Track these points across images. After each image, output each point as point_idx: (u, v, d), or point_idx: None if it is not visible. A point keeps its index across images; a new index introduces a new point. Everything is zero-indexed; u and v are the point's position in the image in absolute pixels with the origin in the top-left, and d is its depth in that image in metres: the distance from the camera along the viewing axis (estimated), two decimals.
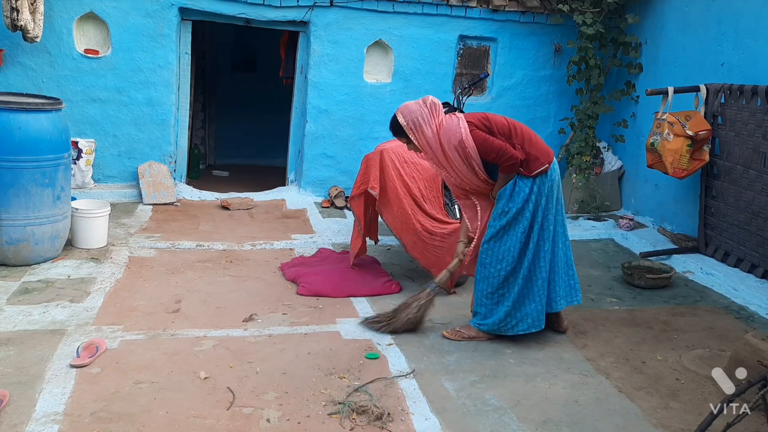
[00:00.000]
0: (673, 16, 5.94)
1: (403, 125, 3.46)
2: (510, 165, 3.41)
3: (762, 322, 4.15)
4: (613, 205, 6.61)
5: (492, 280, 3.54)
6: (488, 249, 3.53)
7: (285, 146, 6.89)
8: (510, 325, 3.57)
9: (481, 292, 3.59)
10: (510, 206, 3.46)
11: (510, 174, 3.46)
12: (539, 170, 3.45)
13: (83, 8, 5.75)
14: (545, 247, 3.53)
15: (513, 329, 3.58)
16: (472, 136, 3.39)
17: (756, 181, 4.69)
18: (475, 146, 3.40)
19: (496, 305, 3.57)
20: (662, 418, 2.95)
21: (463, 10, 6.45)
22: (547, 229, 3.53)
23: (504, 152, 3.38)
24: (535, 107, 6.91)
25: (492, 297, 3.56)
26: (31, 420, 2.63)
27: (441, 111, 3.49)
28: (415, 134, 3.46)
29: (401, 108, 3.51)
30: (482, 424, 2.83)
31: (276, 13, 6.16)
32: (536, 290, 3.55)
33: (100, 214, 4.68)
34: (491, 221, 3.54)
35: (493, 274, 3.53)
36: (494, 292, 3.56)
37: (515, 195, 3.45)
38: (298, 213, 6.11)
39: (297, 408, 2.85)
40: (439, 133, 3.44)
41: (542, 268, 3.55)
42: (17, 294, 3.84)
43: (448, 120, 3.45)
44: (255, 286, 4.26)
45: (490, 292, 3.56)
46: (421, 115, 3.44)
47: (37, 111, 4.21)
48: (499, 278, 3.53)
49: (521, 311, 3.56)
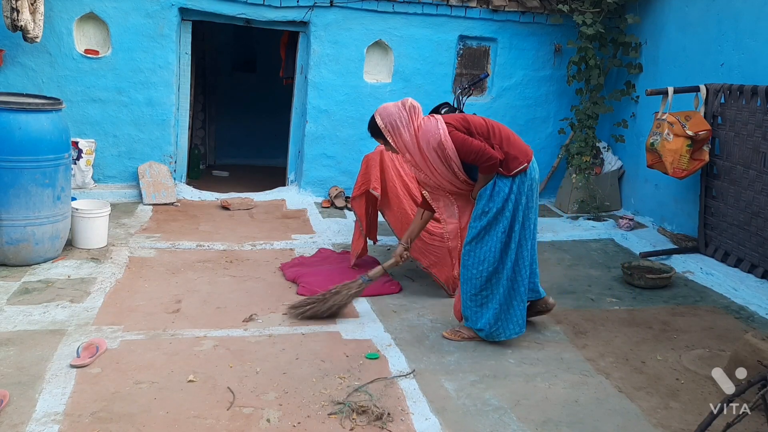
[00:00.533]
0: (673, 16, 5.94)
1: (381, 127, 3.48)
2: (489, 165, 3.42)
3: (762, 322, 4.15)
4: (613, 205, 6.61)
5: (475, 282, 3.55)
6: (470, 250, 3.54)
7: (285, 146, 6.89)
8: (501, 329, 3.56)
9: (466, 294, 3.60)
10: (490, 206, 3.47)
11: (490, 174, 3.47)
12: (518, 169, 3.46)
13: (83, 8, 5.75)
14: (527, 245, 3.56)
15: (502, 335, 3.57)
16: (451, 138, 3.41)
17: (756, 181, 4.69)
18: (454, 147, 3.42)
19: (480, 307, 3.57)
20: (662, 418, 2.95)
21: (463, 10, 6.45)
22: (528, 228, 3.55)
23: (483, 152, 3.39)
24: (535, 107, 6.91)
25: (476, 299, 3.57)
26: (32, 420, 2.63)
27: (420, 114, 3.51)
28: (393, 136, 3.48)
29: (380, 109, 3.53)
30: (482, 424, 2.83)
31: (276, 14, 6.16)
32: (522, 290, 3.57)
33: (100, 214, 4.68)
34: (472, 222, 3.56)
35: (476, 275, 3.54)
36: (477, 294, 3.56)
37: (495, 195, 3.47)
38: (298, 213, 6.11)
39: (297, 408, 2.85)
40: (417, 136, 3.46)
41: (526, 267, 3.56)
42: (17, 294, 3.84)
43: (427, 122, 3.47)
44: (255, 286, 4.26)
45: (473, 294, 3.57)
46: (400, 118, 3.46)
47: (37, 111, 4.21)
48: (481, 279, 3.54)
49: (509, 312, 3.56)
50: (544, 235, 5.79)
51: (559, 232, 5.91)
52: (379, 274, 3.93)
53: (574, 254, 5.41)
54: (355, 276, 3.98)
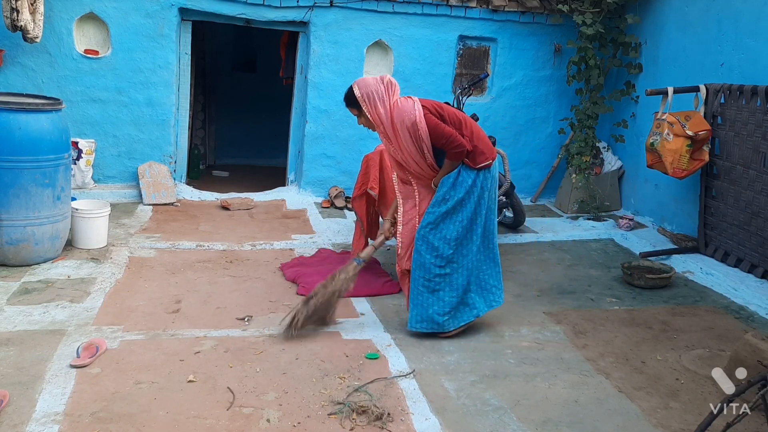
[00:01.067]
0: (673, 16, 5.94)
1: (357, 96, 3.52)
2: (457, 153, 3.50)
3: (762, 322, 4.15)
4: (613, 205, 6.61)
5: (429, 267, 3.58)
6: (425, 235, 3.59)
7: (285, 146, 6.89)
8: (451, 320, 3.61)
9: (417, 280, 3.62)
10: (451, 194, 3.54)
11: (455, 162, 3.55)
12: (484, 164, 3.56)
13: (83, 8, 5.75)
14: (492, 239, 3.68)
15: (456, 323, 3.63)
16: (425, 120, 3.47)
17: (756, 181, 4.69)
18: (427, 130, 3.47)
19: (432, 294, 3.59)
20: (662, 418, 2.95)
21: (462, 10, 6.45)
22: (492, 221, 3.66)
23: (453, 139, 3.47)
24: (535, 107, 6.91)
25: (428, 285, 3.59)
26: (31, 420, 2.63)
27: (397, 91, 3.57)
28: (368, 106, 3.52)
29: (358, 81, 3.58)
30: (482, 424, 2.83)
31: (276, 14, 6.16)
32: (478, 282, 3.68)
33: (100, 215, 4.68)
34: (431, 208, 3.61)
35: (430, 261, 3.57)
36: (430, 280, 3.59)
37: (458, 184, 3.54)
38: (298, 213, 6.11)
39: (297, 408, 2.85)
40: (392, 112, 3.51)
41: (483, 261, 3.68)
42: (17, 294, 3.84)
43: (404, 101, 3.53)
44: (255, 287, 4.26)
45: (426, 279, 3.59)
46: (377, 91, 3.51)
47: (37, 111, 4.21)
48: (435, 266, 3.57)
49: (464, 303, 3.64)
50: (544, 235, 5.80)
51: (559, 232, 5.91)
52: (371, 253, 3.93)
53: (574, 254, 5.41)
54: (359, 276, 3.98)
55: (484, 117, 6.42)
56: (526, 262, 5.16)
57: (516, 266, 5.01)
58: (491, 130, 6.43)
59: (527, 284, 4.65)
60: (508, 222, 5.80)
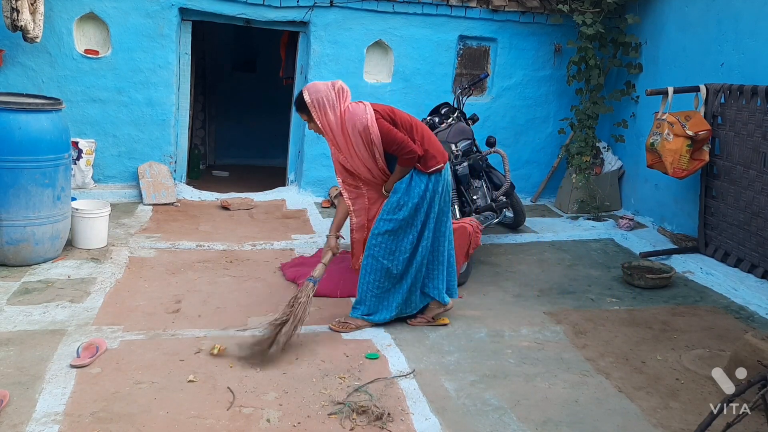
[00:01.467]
0: (673, 16, 5.94)
1: (307, 102, 3.50)
2: (409, 158, 3.50)
3: (762, 322, 4.15)
4: (613, 205, 6.61)
5: (382, 273, 3.61)
6: (381, 242, 3.60)
7: (285, 146, 6.89)
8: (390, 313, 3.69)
9: (367, 285, 3.66)
10: (405, 200, 3.56)
11: (407, 167, 3.55)
12: (435, 168, 3.57)
13: (83, 8, 5.75)
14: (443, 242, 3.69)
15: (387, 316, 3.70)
16: (377, 124, 3.47)
17: (756, 181, 4.69)
18: (380, 134, 3.47)
19: (381, 300, 3.65)
20: (662, 418, 2.95)
21: (463, 10, 6.45)
22: (445, 224, 3.67)
23: (405, 145, 3.47)
24: (535, 107, 6.91)
25: (380, 288, 3.63)
26: (32, 420, 2.63)
27: (348, 98, 3.55)
28: (318, 113, 3.50)
29: (309, 86, 3.57)
30: (482, 424, 2.83)
31: (276, 14, 6.16)
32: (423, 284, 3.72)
33: (100, 215, 4.68)
34: (385, 214, 3.61)
35: (385, 266, 3.60)
36: (381, 285, 3.63)
37: (411, 190, 3.55)
38: (298, 213, 6.11)
39: (297, 408, 2.85)
40: (343, 118, 3.49)
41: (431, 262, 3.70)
42: (17, 294, 3.84)
43: (355, 106, 3.52)
44: (255, 287, 4.26)
45: (377, 285, 3.63)
46: (327, 97, 3.49)
47: (37, 111, 4.21)
48: (389, 272, 3.61)
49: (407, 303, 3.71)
50: (544, 235, 5.80)
51: (559, 232, 5.91)
52: (323, 271, 3.79)
53: (574, 254, 5.41)
54: (355, 276, 3.97)
55: (484, 117, 6.42)
56: (526, 262, 5.16)
57: (516, 266, 5.02)
58: (491, 130, 6.44)
59: (527, 284, 4.65)
60: (508, 222, 5.80)
